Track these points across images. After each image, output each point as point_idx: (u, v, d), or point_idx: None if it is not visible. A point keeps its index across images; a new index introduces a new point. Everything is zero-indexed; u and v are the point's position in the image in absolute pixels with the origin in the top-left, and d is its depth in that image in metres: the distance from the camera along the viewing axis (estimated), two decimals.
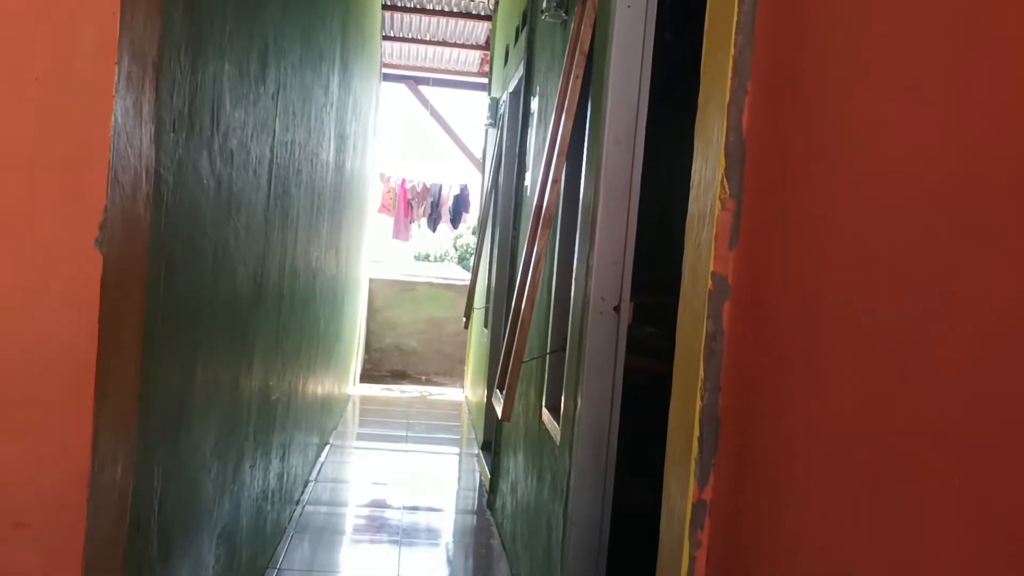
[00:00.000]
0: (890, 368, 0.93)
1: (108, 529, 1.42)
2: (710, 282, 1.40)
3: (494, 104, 6.28)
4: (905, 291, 0.91)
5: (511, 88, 5.27)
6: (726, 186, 1.41)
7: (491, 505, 4.75)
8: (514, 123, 5.15)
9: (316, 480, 5.02)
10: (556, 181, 2.71)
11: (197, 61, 1.90)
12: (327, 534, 4.25)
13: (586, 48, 2.72)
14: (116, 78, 1.27)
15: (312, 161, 3.95)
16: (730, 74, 1.42)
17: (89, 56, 1.26)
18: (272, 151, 2.88)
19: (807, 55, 1.22)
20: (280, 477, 3.72)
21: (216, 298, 2.27)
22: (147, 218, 1.50)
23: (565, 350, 2.85)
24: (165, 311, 1.76)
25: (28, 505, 1.26)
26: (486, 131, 6.76)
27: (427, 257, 19.91)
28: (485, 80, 8.11)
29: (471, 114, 11.68)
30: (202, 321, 2.14)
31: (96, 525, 1.33)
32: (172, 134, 1.72)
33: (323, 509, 4.59)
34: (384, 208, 9.41)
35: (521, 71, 4.72)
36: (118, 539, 1.48)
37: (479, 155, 8.22)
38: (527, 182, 4.31)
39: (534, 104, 4.23)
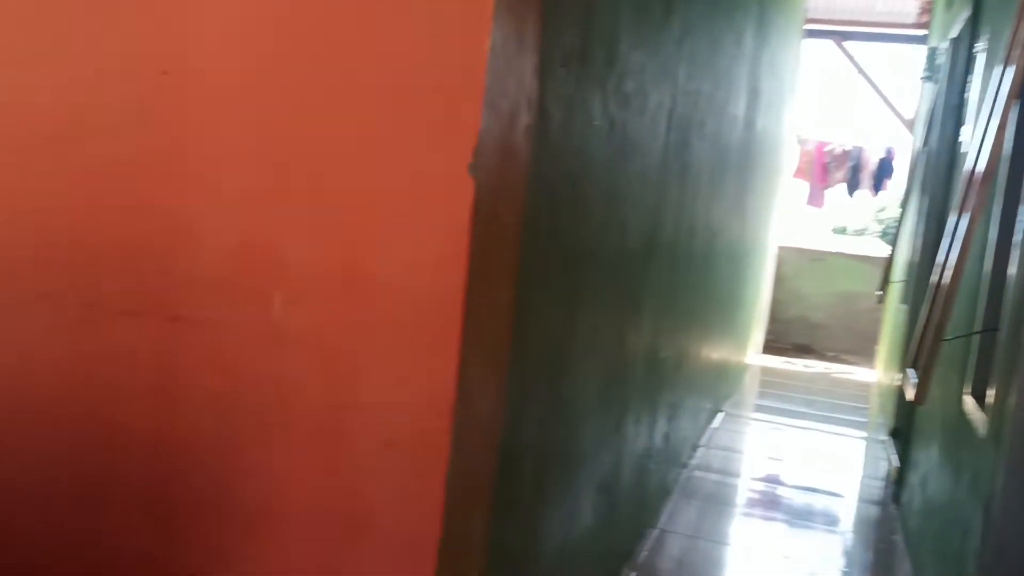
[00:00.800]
0: None
1: (473, 461, 1.43)
2: None
3: (932, 54, 5.60)
4: None
5: (953, 34, 4.63)
6: None
7: (897, 498, 4.30)
8: (954, 73, 4.53)
9: (706, 446, 4.91)
10: (1001, 127, 2.27)
11: None
12: (714, 502, 4.13)
13: None
14: (494, 3, 1.24)
15: (719, 115, 3.78)
16: None
17: None
18: (673, 100, 2.78)
19: None
20: (666, 437, 3.66)
21: (603, 246, 2.22)
22: (528, 151, 1.47)
23: (997, 330, 2.41)
24: (545, 250, 1.74)
25: (396, 425, 1.30)
26: (921, 85, 6.07)
27: (844, 230, 18.68)
28: (922, 32, 7.28)
29: (902, 71, 10.64)
30: (586, 267, 2.11)
31: (460, 454, 1.34)
32: (561, 69, 1.68)
33: (712, 476, 4.47)
34: (799, 172, 8.93)
35: (967, 12, 4.12)
36: (484, 472, 1.49)
37: (909, 116, 7.42)
38: (963, 138, 3.75)
39: (979, 48, 3.65)
